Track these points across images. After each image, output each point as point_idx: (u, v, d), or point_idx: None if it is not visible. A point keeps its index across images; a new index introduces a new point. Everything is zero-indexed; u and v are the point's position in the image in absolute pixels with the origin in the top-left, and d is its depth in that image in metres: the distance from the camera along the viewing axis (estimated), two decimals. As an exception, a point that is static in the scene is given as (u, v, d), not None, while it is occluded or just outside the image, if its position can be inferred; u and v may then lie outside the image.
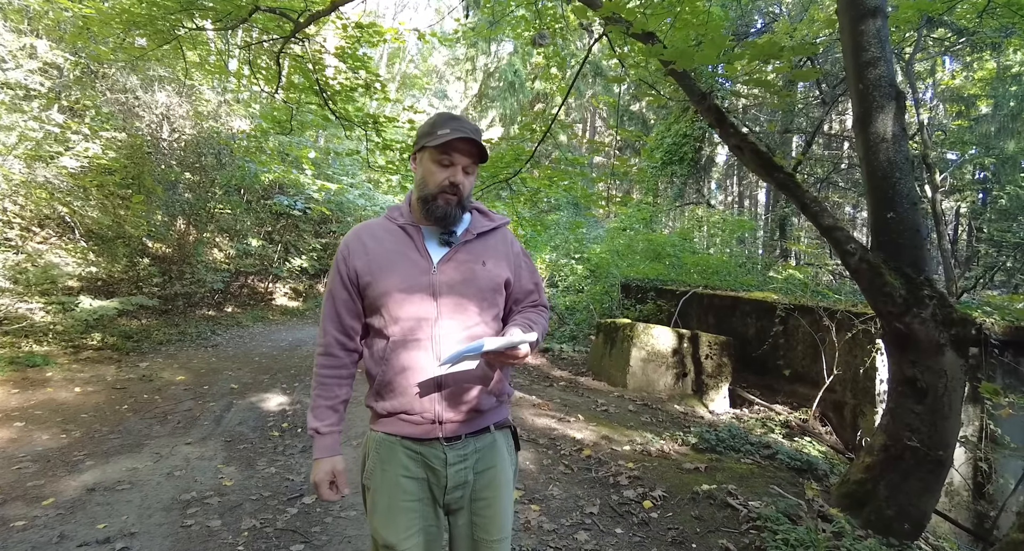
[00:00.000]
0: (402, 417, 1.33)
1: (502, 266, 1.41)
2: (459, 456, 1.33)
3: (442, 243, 1.36)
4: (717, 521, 2.87)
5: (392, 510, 1.30)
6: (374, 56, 17.14)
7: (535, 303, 1.51)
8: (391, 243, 1.36)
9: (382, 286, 1.31)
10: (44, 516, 2.82)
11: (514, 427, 1.49)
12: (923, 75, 12.32)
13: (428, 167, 1.34)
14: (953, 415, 2.72)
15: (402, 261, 1.33)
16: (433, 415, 1.30)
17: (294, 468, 3.55)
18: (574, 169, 7.19)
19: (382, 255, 1.35)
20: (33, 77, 6.22)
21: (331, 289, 1.39)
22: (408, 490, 1.31)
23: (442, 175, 1.32)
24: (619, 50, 5.25)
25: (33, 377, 5.18)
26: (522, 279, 1.47)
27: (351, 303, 1.37)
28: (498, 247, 1.43)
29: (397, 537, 1.28)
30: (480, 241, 1.40)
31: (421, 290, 1.31)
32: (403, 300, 1.30)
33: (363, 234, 1.40)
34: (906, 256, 2.82)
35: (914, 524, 2.76)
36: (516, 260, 1.46)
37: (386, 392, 1.33)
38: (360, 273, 1.34)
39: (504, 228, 1.48)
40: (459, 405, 1.32)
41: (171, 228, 9.00)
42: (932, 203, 8.52)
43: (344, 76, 6.78)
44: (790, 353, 5.40)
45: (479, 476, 1.36)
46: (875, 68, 2.92)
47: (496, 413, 1.41)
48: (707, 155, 14.74)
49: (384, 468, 1.33)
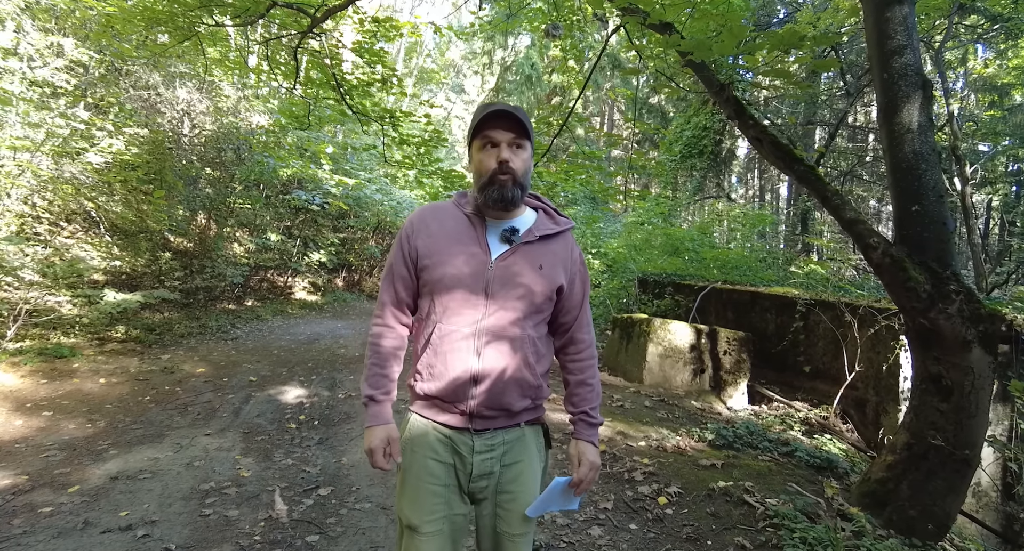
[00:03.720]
0: (437, 402, 1.34)
1: (559, 272, 1.38)
2: (486, 445, 1.33)
3: (503, 240, 1.34)
4: (733, 518, 2.84)
5: (419, 491, 1.32)
6: (391, 51, 17.21)
7: (586, 345, 1.49)
8: (455, 229, 1.35)
9: (439, 271, 1.31)
10: (70, 503, 2.90)
11: (546, 425, 1.48)
12: (954, 64, 11.95)
13: (476, 157, 1.33)
14: (980, 414, 2.64)
15: (462, 250, 1.32)
16: (466, 407, 1.31)
17: (310, 460, 3.59)
18: (591, 163, 7.13)
19: (444, 240, 1.34)
20: (60, 75, 6.34)
21: (391, 263, 1.40)
22: (435, 473, 1.32)
23: (489, 159, 1.30)
24: (636, 42, 5.18)
25: (60, 368, 5.32)
26: (575, 290, 1.44)
27: (409, 280, 1.38)
28: (558, 252, 1.40)
29: (421, 519, 1.30)
30: (541, 244, 1.37)
31: (475, 283, 1.30)
32: (456, 289, 1.30)
33: (428, 215, 1.40)
34: (931, 250, 2.73)
35: (938, 525, 2.69)
36: (573, 268, 1.43)
37: (427, 375, 1.34)
38: (421, 254, 1.34)
39: (568, 233, 1.45)
40: (493, 403, 1.32)
41: (192, 223, 9.15)
42: (962, 196, 8.27)
43: (361, 71, 6.81)
44: (810, 349, 5.30)
45: (506, 469, 1.36)
46: (901, 56, 2.84)
47: (529, 413, 1.41)
48: (727, 148, 14.51)
49: (414, 449, 1.35)
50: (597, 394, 1.47)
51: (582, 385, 1.47)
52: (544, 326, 1.42)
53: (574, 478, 1.37)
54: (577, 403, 1.47)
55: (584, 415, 1.45)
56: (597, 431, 1.45)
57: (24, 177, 5.78)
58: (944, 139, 8.20)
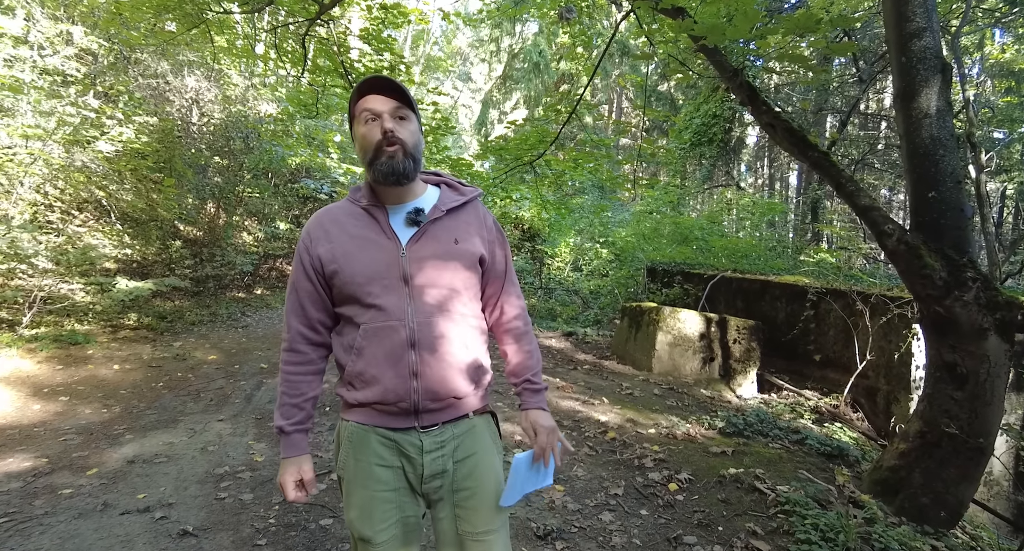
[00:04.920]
0: (376, 407, 1.24)
1: (475, 243, 1.32)
2: (436, 443, 1.25)
3: (409, 223, 1.26)
4: (744, 505, 2.85)
5: (367, 501, 1.24)
6: (398, 38, 17.08)
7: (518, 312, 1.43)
8: (355, 226, 1.27)
9: (348, 272, 1.22)
10: (89, 485, 2.95)
11: (494, 413, 1.42)
12: (970, 49, 11.71)
13: (359, 133, 1.24)
14: (996, 402, 2.62)
15: (368, 245, 1.24)
16: (409, 404, 1.22)
17: (322, 445, 3.63)
18: (599, 151, 7.07)
19: (346, 240, 1.25)
20: (70, 63, 6.36)
21: (294, 281, 1.30)
22: (383, 479, 1.24)
23: (373, 132, 1.21)
24: (647, 27, 5.11)
25: (76, 354, 5.39)
26: (496, 258, 1.38)
27: (316, 294, 1.28)
28: (471, 223, 1.33)
29: (373, 529, 1.22)
30: (451, 217, 1.30)
31: (390, 274, 1.22)
32: (372, 285, 1.22)
33: (324, 219, 1.30)
34: (948, 237, 2.70)
35: (950, 513, 2.69)
36: (490, 236, 1.37)
37: (358, 383, 1.24)
38: (324, 261, 1.25)
39: (477, 201, 1.38)
40: (437, 392, 1.24)
41: (201, 211, 9.20)
42: (976, 184, 8.14)
43: (369, 58, 6.77)
44: (821, 338, 5.27)
45: (459, 465, 1.28)
46: (920, 39, 2.78)
47: (476, 399, 1.33)
48: (737, 136, 14.36)
49: (357, 458, 1.26)
50: (537, 360, 1.42)
51: (520, 353, 1.42)
52: (474, 302, 1.35)
53: (535, 450, 1.31)
54: (518, 372, 1.41)
55: (527, 383, 1.39)
56: (544, 396, 1.40)
57: (36, 165, 5.82)
58: (960, 126, 8.07)
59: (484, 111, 19.84)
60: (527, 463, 1.29)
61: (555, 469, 1.36)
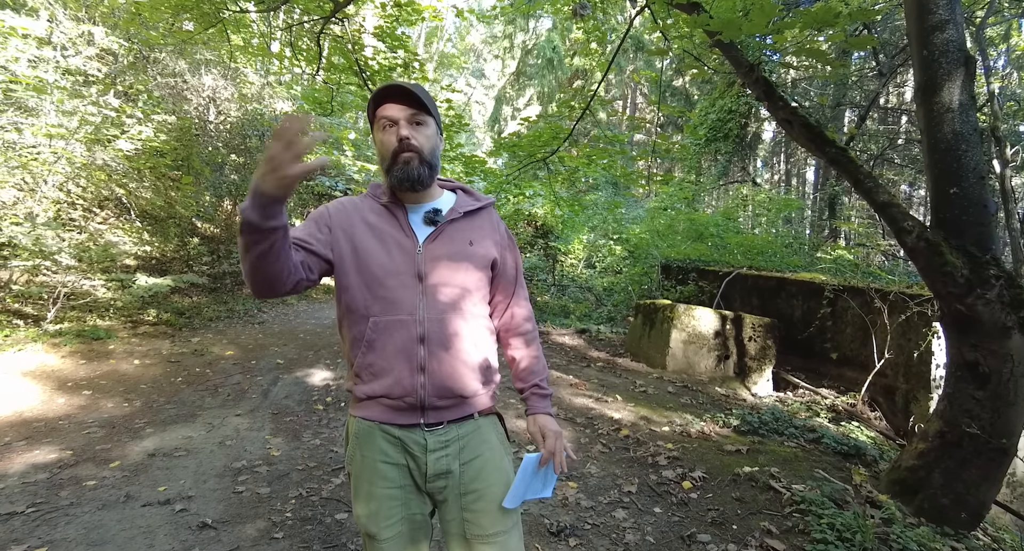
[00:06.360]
0: (382, 401, 1.25)
1: (488, 246, 1.35)
2: (440, 442, 1.26)
3: (427, 222, 1.29)
4: (759, 503, 2.83)
5: (372, 498, 1.24)
6: (412, 35, 17.12)
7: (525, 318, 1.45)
8: (375, 220, 1.30)
9: (364, 263, 1.24)
10: (111, 477, 3.02)
11: (501, 414, 1.42)
12: (995, 40, 11.44)
13: (377, 140, 1.27)
14: (1019, 402, 2.57)
15: (385, 239, 1.27)
16: (415, 399, 1.23)
17: (338, 441, 3.67)
18: (613, 147, 7.03)
19: (365, 230, 1.28)
20: (91, 63, 6.48)
21: (304, 221, 1.30)
22: (388, 477, 1.25)
23: (389, 138, 1.24)
24: (662, 22, 5.06)
25: (97, 349, 5.50)
26: (507, 264, 1.41)
27: (317, 237, 1.25)
28: (484, 226, 1.37)
29: (378, 526, 1.23)
30: (466, 220, 1.34)
31: (405, 269, 1.24)
32: (387, 278, 1.24)
33: (348, 206, 1.33)
34: (970, 234, 2.64)
35: (971, 514, 2.64)
36: (503, 242, 1.40)
37: (366, 375, 1.25)
38: (340, 236, 1.26)
39: (490, 208, 1.42)
40: (444, 389, 1.24)
41: (218, 209, 9.32)
42: (1001, 179, 7.97)
43: (383, 56, 6.80)
44: (838, 336, 5.21)
45: (466, 467, 1.27)
46: (942, 32, 2.72)
47: (483, 399, 1.33)
48: (753, 131, 14.19)
49: (364, 454, 1.27)
50: (544, 366, 1.45)
51: (529, 357, 1.44)
52: (483, 305, 1.36)
53: (543, 453, 1.31)
54: (525, 377, 1.43)
55: (535, 388, 1.41)
56: (550, 402, 1.42)
57: (60, 164, 5.94)
58: (984, 120, 7.89)
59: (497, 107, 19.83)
60: (535, 464, 1.30)
61: (564, 470, 1.36)
